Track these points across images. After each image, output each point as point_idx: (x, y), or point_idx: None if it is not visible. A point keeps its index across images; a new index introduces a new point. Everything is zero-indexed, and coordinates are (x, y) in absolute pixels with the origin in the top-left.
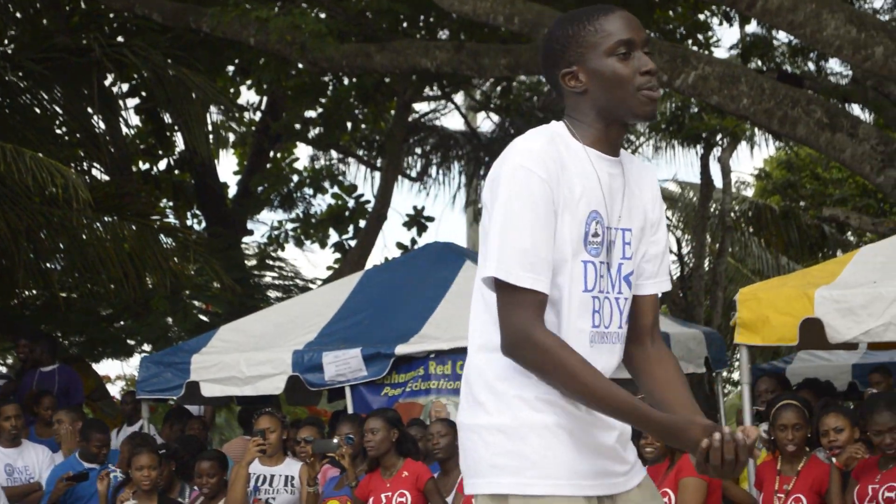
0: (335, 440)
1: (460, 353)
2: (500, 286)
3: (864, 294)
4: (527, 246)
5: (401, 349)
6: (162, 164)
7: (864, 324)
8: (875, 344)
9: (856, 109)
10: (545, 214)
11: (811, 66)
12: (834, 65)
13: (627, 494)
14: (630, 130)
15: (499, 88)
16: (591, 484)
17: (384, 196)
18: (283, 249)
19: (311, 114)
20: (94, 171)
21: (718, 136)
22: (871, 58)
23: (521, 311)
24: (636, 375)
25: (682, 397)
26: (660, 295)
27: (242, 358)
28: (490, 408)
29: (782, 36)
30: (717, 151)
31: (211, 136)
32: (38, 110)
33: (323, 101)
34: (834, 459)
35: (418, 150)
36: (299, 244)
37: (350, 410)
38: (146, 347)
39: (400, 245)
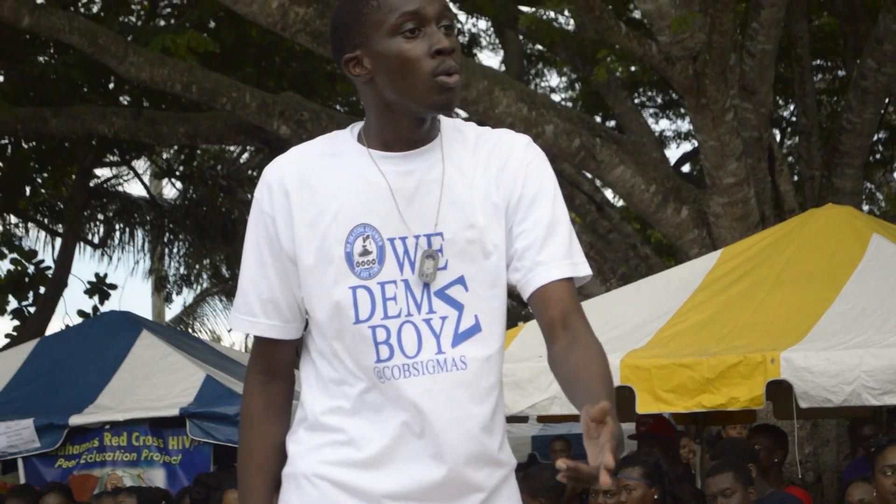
0: None
1: (136, 424)
2: None
3: (530, 368)
4: (245, 285)
5: (75, 420)
6: None
7: (530, 397)
8: (544, 417)
9: None
10: (269, 250)
11: None
12: None
13: None
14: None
15: (182, 156)
16: None
17: (64, 262)
18: None
19: None
20: None
21: None
22: (541, 136)
23: (252, 356)
24: (557, 380)
25: (585, 388)
26: (561, 278)
27: None
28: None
29: (462, 111)
30: None
31: None
32: None
33: (1, 163)
34: None
35: (100, 217)
36: None
37: (22, 482)
38: None
39: (81, 313)
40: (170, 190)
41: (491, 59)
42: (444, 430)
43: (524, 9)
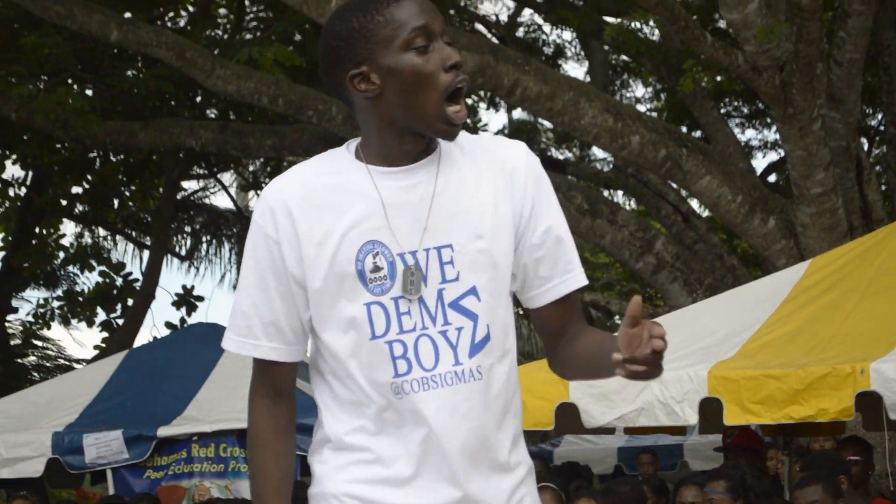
0: None
1: (223, 435)
2: None
3: (617, 379)
4: (246, 309)
5: (163, 431)
6: None
7: (617, 409)
8: (631, 428)
9: (619, 196)
10: (272, 274)
11: (577, 151)
12: (598, 151)
13: None
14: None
15: (268, 168)
16: None
17: (152, 274)
18: (48, 328)
19: (77, 189)
20: None
21: None
22: (627, 146)
23: (255, 376)
24: (572, 371)
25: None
26: (578, 287)
27: (0, 439)
28: None
29: (548, 122)
30: None
31: None
32: None
33: (89, 176)
34: None
35: (187, 229)
36: (66, 322)
37: (111, 492)
38: None
39: (169, 325)
40: (256, 202)
41: (576, 70)
42: (461, 440)
43: (609, 19)
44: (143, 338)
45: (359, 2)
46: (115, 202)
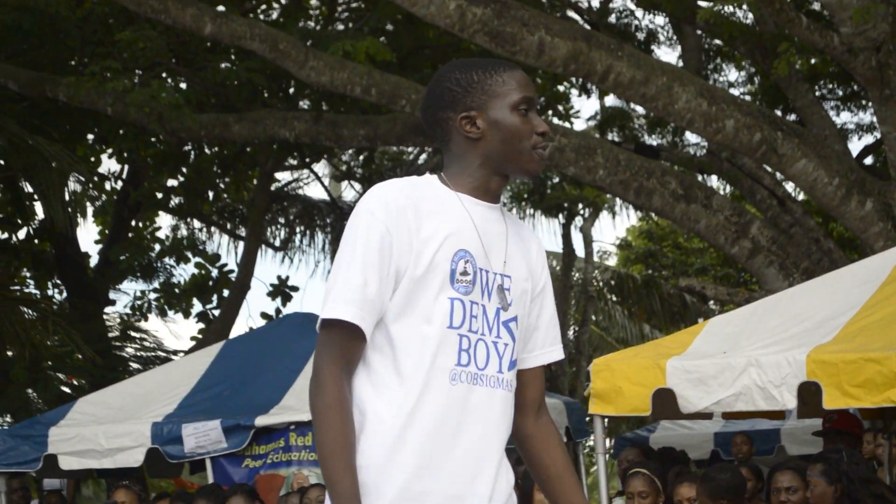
0: None
1: None
2: (322, 325)
3: (714, 364)
4: (358, 283)
5: (261, 420)
6: (21, 234)
7: (714, 394)
8: (729, 413)
9: (713, 181)
10: (379, 258)
11: (670, 137)
12: (691, 136)
13: None
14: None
15: (361, 158)
16: None
17: (247, 265)
18: (146, 320)
19: (172, 182)
20: None
21: (580, 206)
22: (721, 131)
23: (329, 348)
24: (521, 450)
25: (570, 490)
26: (550, 362)
27: (101, 430)
28: None
29: (641, 108)
30: (578, 221)
31: (70, 206)
32: None
33: (184, 169)
34: None
35: (281, 220)
36: (162, 314)
37: (210, 481)
38: (8, 419)
39: (265, 315)
40: (349, 192)
41: (668, 55)
42: (490, 434)
43: (702, 3)
44: (239, 328)
45: (476, 61)
46: (210, 194)
